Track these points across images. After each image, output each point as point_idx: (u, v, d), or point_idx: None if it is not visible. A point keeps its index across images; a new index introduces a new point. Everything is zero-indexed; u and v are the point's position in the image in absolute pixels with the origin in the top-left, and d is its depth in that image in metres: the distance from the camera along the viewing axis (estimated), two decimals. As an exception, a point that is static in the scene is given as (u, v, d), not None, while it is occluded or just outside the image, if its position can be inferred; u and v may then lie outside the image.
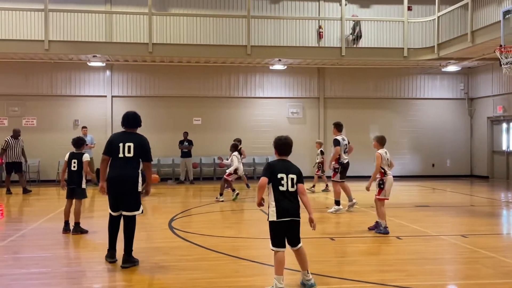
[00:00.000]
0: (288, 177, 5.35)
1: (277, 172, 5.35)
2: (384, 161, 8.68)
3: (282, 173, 5.35)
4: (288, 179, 5.34)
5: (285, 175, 5.35)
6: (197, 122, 20.05)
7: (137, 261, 6.58)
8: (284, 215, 5.27)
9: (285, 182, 5.32)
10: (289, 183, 5.34)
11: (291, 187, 5.34)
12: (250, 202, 14.02)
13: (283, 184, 5.31)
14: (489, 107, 20.47)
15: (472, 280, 5.99)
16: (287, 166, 5.46)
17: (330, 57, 18.46)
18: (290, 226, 5.31)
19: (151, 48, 17.13)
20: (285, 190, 5.31)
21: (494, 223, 10.66)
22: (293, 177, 5.37)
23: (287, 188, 5.32)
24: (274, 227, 5.31)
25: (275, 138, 5.68)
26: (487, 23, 14.89)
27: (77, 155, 8.93)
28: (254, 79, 20.58)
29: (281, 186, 5.31)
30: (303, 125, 20.76)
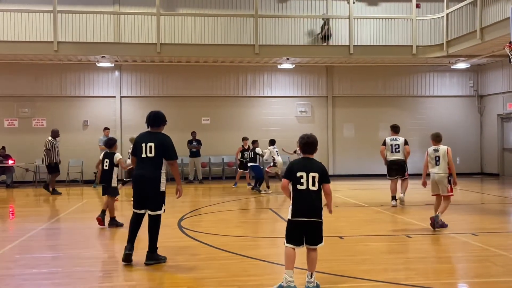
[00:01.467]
0: (309, 175, 5.25)
1: (296, 171, 5.29)
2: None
3: (301, 171, 5.27)
4: (309, 178, 5.24)
5: (305, 173, 5.25)
6: (205, 122, 20.08)
7: (163, 258, 6.63)
8: (300, 214, 5.22)
9: (305, 180, 5.22)
10: (309, 182, 5.23)
11: (312, 186, 5.23)
12: (259, 202, 14.03)
13: (302, 183, 5.23)
14: (499, 104, 20.32)
15: (482, 278, 5.95)
16: (309, 164, 5.36)
17: (338, 56, 18.42)
18: (307, 227, 5.24)
19: (159, 48, 17.18)
20: (304, 188, 5.23)
21: (504, 221, 10.58)
22: (314, 175, 5.25)
23: (307, 186, 5.22)
24: (289, 225, 5.33)
25: (300, 136, 5.61)
26: (496, 20, 14.79)
27: (109, 155, 9.43)
28: (262, 78, 20.57)
29: (299, 185, 5.24)
30: (311, 124, 20.71)
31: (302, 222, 5.21)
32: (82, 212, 11.92)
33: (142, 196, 6.57)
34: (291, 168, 5.34)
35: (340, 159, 20.79)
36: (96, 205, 13.91)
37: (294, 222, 5.25)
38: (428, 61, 19.24)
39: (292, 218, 5.26)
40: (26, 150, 18.65)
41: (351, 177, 20.08)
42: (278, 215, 10.75)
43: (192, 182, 19.01)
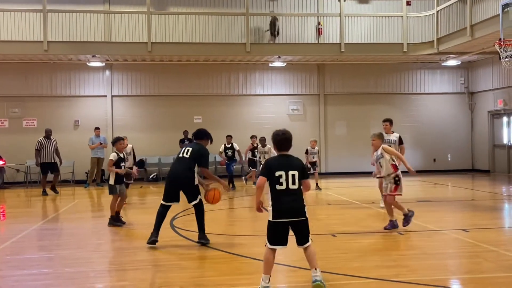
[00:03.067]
0: (288, 174, 5.01)
1: (275, 170, 5.02)
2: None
3: (280, 170, 5.02)
4: (289, 176, 5.01)
5: (284, 172, 5.00)
6: (197, 121, 20.02)
7: (207, 241, 7.49)
8: (281, 215, 5.03)
9: (284, 180, 4.99)
10: (289, 181, 5.01)
11: (292, 185, 5.01)
12: (252, 200, 14.02)
13: (281, 183, 4.99)
14: (490, 101, 20.44)
15: (473, 274, 5.99)
16: (287, 162, 5.12)
17: (330, 54, 18.45)
18: (293, 226, 5.08)
19: (150, 47, 17.12)
20: (283, 188, 5.00)
21: (495, 217, 10.64)
22: (294, 173, 5.02)
23: (286, 186, 5.00)
24: (270, 227, 5.12)
25: (273, 133, 5.36)
26: (486, 17, 14.85)
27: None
28: (254, 77, 20.56)
29: (278, 185, 5.00)
30: (303, 122, 20.74)
31: (284, 223, 5.05)
32: (74, 212, 11.86)
33: (171, 190, 7.61)
34: (269, 166, 5.08)
35: (332, 157, 20.84)
36: (88, 205, 13.87)
37: (275, 223, 5.07)
38: (419, 58, 19.31)
39: (273, 219, 5.06)
40: (17, 151, 18.53)
41: (343, 174, 20.13)
42: (271, 213, 10.74)
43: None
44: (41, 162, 15.44)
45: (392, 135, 10.80)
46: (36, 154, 15.42)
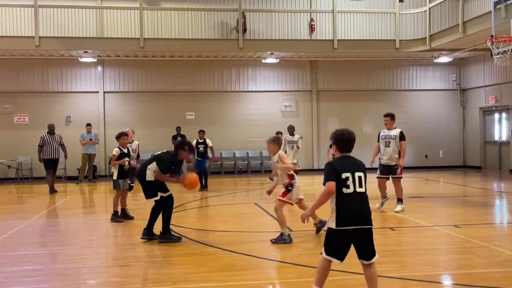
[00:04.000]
0: (355, 176, 4.50)
1: (341, 172, 4.51)
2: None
3: (347, 172, 4.50)
4: (356, 179, 4.50)
5: (351, 174, 4.50)
6: (190, 117, 19.99)
7: (164, 239, 7.55)
8: (348, 223, 4.44)
9: (351, 182, 4.48)
10: (356, 183, 4.49)
11: (359, 187, 4.49)
12: (245, 196, 14.03)
13: (348, 186, 4.47)
14: (481, 98, 20.53)
15: (465, 270, 6.02)
16: (352, 163, 4.61)
17: (322, 50, 18.45)
18: (358, 236, 4.47)
19: (142, 43, 17.05)
20: (351, 192, 4.47)
21: (487, 213, 10.71)
22: (360, 175, 4.52)
23: (354, 189, 4.47)
24: (332, 235, 4.54)
25: (335, 132, 4.78)
26: (478, 14, 14.90)
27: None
28: (246, 73, 20.53)
29: (345, 188, 4.47)
30: (296, 118, 20.73)
31: (350, 231, 4.44)
32: (66, 209, 11.81)
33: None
34: (335, 168, 4.53)
35: (325, 153, 20.82)
36: (79, 201, 13.82)
37: (339, 232, 4.46)
38: (411, 55, 19.36)
39: (336, 227, 4.46)
40: (8, 147, 18.40)
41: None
42: (263, 209, 10.76)
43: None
44: (44, 158, 14.95)
45: (393, 130, 10.12)
46: (39, 150, 14.98)
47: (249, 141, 20.34)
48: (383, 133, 10.22)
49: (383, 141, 10.15)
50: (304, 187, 15.75)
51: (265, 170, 20.22)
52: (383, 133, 10.22)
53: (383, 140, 10.18)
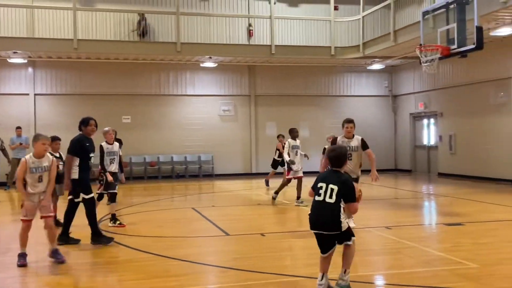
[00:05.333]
0: (328, 187, 5.05)
1: (318, 181, 5.17)
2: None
3: (322, 182, 5.11)
4: (328, 189, 5.04)
5: (325, 185, 5.07)
6: (126, 121, 19.57)
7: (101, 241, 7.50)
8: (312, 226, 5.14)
9: (323, 191, 5.05)
10: (327, 194, 5.03)
11: (329, 198, 5.02)
12: (182, 201, 13.91)
13: (320, 194, 5.07)
14: (411, 104, 21.41)
15: (395, 270, 6.25)
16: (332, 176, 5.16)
17: (260, 55, 18.62)
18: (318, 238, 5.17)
19: (76, 44, 16.54)
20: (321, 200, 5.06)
21: (416, 214, 11.17)
22: (333, 187, 5.04)
23: (323, 198, 5.04)
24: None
25: (328, 148, 5.62)
26: (408, 23, 15.54)
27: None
28: (184, 77, 20.38)
29: (317, 196, 5.09)
30: (235, 123, 20.80)
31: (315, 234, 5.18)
32: (-8, 216, 11.24)
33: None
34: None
35: (263, 158, 20.98)
36: (7, 208, 13.20)
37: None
38: (346, 61, 19.89)
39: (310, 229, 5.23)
40: None
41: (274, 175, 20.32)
42: (201, 214, 10.71)
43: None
44: None
45: (352, 140, 8.65)
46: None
47: (187, 146, 20.18)
48: (342, 144, 8.36)
49: None
50: (243, 192, 15.86)
51: (204, 175, 20.15)
52: (341, 144, 8.39)
53: None
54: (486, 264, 6.23)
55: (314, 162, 17.78)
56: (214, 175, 20.11)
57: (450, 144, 18.89)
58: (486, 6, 11.69)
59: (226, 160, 20.36)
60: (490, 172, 16.89)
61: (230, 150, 20.46)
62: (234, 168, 20.52)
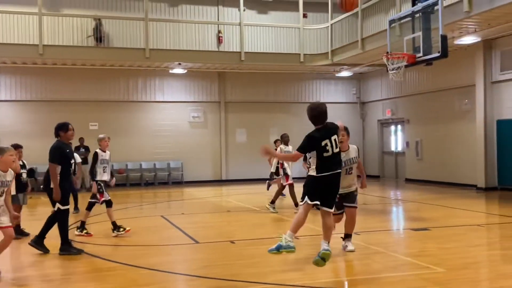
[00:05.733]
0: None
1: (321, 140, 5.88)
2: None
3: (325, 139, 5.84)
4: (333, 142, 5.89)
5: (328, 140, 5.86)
6: (93, 127, 19.26)
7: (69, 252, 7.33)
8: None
9: (330, 147, 5.84)
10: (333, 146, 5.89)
11: (336, 148, 5.92)
12: (151, 209, 13.75)
13: (327, 150, 5.83)
14: (379, 111, 21.74)
15: (364, 275, 6.30)
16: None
17: (230, 62, 18.63)
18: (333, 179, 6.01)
19: (41, 50, 16.24)
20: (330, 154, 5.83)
21: (384, 220, 11.30)
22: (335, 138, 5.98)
23: (332, 151, 5.86)
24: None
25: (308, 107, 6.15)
26: (376, 31, 15.79)
27: None
28: (153, 83, 20.22)
29: (325, 152, 5.84)
30: (204, 129, 20.73)
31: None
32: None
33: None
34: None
35: (233, 164, 20.99)
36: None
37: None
38: (315, 68, 20.08)
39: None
40: None
41: (244, 181, 20.34)
42: (170, 222, 10.60)
43: (79, 190, 18.11)
44: None
45: (350, 151, 7.38)
46: None
47: (156, 152, 20.01)
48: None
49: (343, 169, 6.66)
50: (213, 198, 15.78)
51: (173, 182, 19.98)
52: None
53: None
54: (452, 268, 6.34)
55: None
56: (183, 182, 19.98)
57: (416, 150, 19.25)
58: (450, 15, 11.99)
59: (195, 167, 20.25)
60: (455, 178, 17.26)
61: (199, 157, 20.37)
62: (203, 175, 20.43)
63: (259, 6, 20.59)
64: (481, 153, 15.91)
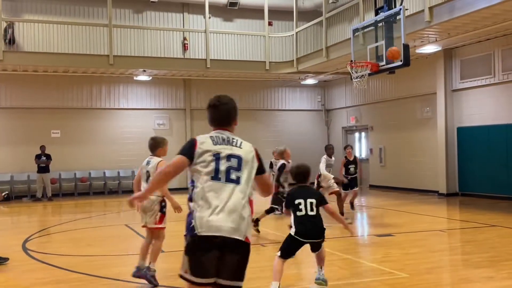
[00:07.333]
0: (307, 202, 5.79)
1: (295, 198, 5.83)
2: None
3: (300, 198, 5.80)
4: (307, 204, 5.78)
5: (303, 200, 5.79)
6: (55, 135, 18.86)
7: None
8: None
9: (303, 206, 5.77)
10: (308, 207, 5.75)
11: (311, 211, 5.75)
12: (115, 218, 13.51)
13: (301, 209, 5.75)
14: (343, 118, 22.02)
15: (330, 282, 6.32)
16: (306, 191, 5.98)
17: (196, 69, 18.54)
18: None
19: (2, 56, 15.80)
20: (303, 214, 5.75)
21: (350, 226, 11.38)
22: (312, 201, 5.82)
23: (305, 212, 5.75)
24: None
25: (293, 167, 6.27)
26: (340, 40, 16.02)
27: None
28: (118, 90, 19.94)
29: (298, 211, 5.76)
30: (169, 137, 20.07)
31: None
32: None
33: None
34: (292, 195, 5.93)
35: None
36: None
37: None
38: (280, 76, 20.19)
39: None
40: None
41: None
42: (135, 231, 10.43)
43: (40, 199, 17.69)
44: None
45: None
46: None
47: (121, 160, 19.70)
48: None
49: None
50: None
51: (137, 190, 19.67)
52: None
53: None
54: (415, 273, 6.44)
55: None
56: (148, 190, 19.69)
57: (380, 157, 19.56)
58: (412, 24, 12.27)
59: (161, 174, 19.99)
60: (418, 184, 17.60)
61: (165, 165, 20.13)
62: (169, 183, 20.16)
63: (224, 14, 20.62)
64: (442, 160, 16.29)
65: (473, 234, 9.59)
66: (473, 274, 6.52)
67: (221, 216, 3.36)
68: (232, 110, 4.03)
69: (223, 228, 3.33)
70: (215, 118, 3.98)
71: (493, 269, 6.69)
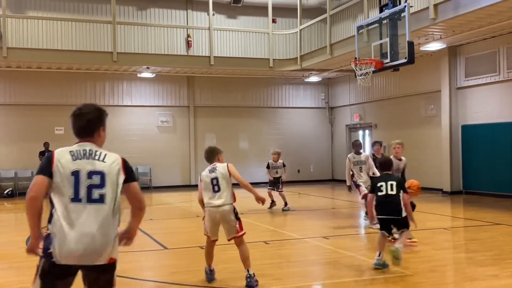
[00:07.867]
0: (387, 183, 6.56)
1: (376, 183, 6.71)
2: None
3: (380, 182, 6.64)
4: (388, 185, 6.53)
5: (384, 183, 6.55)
6: (59, 132, 18.85)
7: None
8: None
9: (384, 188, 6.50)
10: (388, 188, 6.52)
11: (391, 191, 6.46)
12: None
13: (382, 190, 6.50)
14: (347, 116, 21.97)
15: (333, 279, 6.32)
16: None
17: (199, 66, 18.53)
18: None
19: (6, 53, 15.83)
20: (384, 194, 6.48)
21: (352, 224, 11.38)
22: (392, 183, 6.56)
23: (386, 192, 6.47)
24: None
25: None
26: (344, 37, 15.97)
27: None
28: (121, 87, 19.95)
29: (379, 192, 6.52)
30: (173, 134, 20.55)
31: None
32: None
33: None
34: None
35: (202, 169, 20.70)
36: None
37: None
38: (284, 74, 20.16)
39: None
40: None
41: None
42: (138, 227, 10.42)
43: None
44: None
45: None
46: None
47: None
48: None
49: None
50: (182, 204, 15.62)
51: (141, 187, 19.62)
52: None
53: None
54: (419, 271, 6.42)
55: (254, 174, 17.92)
56: (152, 187, 19.74)
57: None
58: (416, 22, 12.21)
59: (164, 172, 20.04)
60: (422, 182, 17.26)
61: (168, 162, 20.17)
62: (172, 180, 20.23)
63: (228, 11, 20.58)
64: (447, 158, 16.23)
65: (477, 232, 9.56)
66: (478, 272, 6.49)
67: (81, 243, 3.13)
68: (94, 119, 3.60)
69: (84, 256, 3.16)
70: (75, 129, 3.66)
71: (497, 267, 6.66)
